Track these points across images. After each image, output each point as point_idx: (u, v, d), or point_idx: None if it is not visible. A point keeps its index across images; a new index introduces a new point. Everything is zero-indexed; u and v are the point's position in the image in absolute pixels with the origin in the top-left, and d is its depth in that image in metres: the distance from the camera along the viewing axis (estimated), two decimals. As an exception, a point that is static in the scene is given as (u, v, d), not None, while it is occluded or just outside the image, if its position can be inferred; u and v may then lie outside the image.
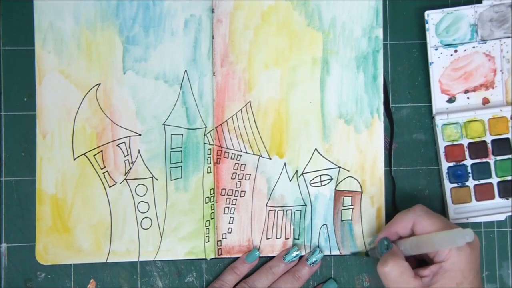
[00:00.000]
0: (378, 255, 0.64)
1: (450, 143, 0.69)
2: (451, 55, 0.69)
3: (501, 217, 0.69)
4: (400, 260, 0.60)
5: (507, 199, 0.69)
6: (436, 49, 0.69)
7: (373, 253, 0.66)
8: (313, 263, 0.68)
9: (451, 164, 0.69)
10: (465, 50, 0.69)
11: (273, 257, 0.69)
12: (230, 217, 0.69)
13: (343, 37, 0.69)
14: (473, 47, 0.69)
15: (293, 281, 0.67)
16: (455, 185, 0.69)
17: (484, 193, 0.69)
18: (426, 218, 0.61)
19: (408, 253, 0.61)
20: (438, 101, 0.70)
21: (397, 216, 0.64)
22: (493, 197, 0.69)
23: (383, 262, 0.60)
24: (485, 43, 0.69)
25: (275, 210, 0.69)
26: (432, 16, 0.68)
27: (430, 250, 0.59)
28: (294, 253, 0.68)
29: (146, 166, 0.69)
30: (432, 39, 0.69)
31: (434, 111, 0.69)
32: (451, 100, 0.69)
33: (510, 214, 0.69)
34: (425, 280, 0.60)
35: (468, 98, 0.69)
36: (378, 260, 0.63)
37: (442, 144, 0.69)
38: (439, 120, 0.69)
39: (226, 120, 0.69)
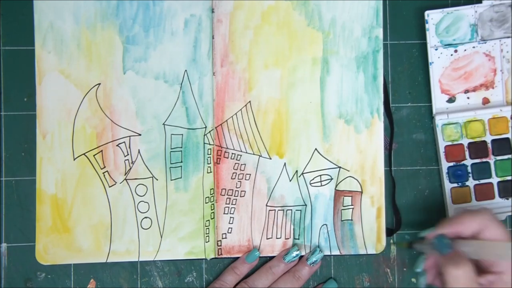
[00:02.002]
0: (427, 250, 0.62)
1: (450, 143, 0.69)
2: (451, 55, 0.69)
3: (501, 217, 0.69)
4: (470, 263, 0.57)
5: (507, 199, 0.69)
6: (436, 49, 0.69)
7: (420, 247, 0.64)
8: (313, 263, 0.68)
9: (451, 164, 0.69)
10: (465, 50, 0.69)
11: (273, 257, 0.69)
12: (230, 217, 0.69)
13: (343, 37, 0.69)
14: (473, 47, 0.69)
15: (293, 281, 0.67)
16: (455, 185, 0.69)
17: (484, 193, 0.69)
18: (496, 225, 0.59)
19: (469, 255, 0.59)
20: (438, 101, 0.70)
21: (463, 215, 0.61)
22: (493, 197, 0.69)
23: (455, 264, 0.57)
24: (485, 43, 0.69)
25: (275, 210, 0.69)
26: (432, 16, 0.68)
27: (493, 259, 0.58)
28: (294, 253, 0.68)
29: (146, 166, 0.69)
30: (432, 39, 0.69)
31: (434, 111, 0.69)
32: (451, 100, 0.69)
33: (510, 214, 0.69)
34: None
35: (468, 98, 0.69)
36: (419, 253, 0.63)
37: (442, 144, 0.69)
38: (439, 120, 0.69)
39: (226, 120, 0.69)
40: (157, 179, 0.69)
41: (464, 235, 0.60)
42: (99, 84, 0.68)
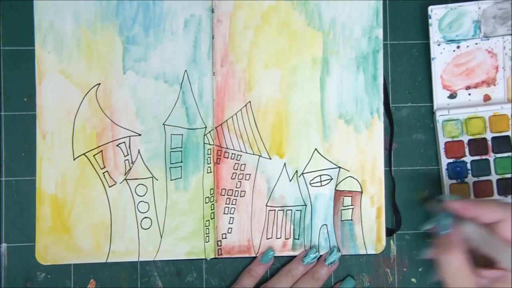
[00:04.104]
0: (433, 218, 0.61)
1: (450, 140, 0.69)
2: (454, 51, 0.69)
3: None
4: (461, 253, 0.56)
5: (506, 196, 0.69)
6: (439, 45, 0.69)
7: (431, 206, 0.62)
8: (331, 263, 0.68)
9: (451, 160, 0.69)
10: (467, 46, 0.69)
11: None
12: (230, 217, 0.69)
13: (343, 37, 0.69)
14: (476, 44, 0.69)
15: (312, 282, 0.67)
16: (454, 181, 0.69)
17: (482, 190, 0.69)
18: None
19: (468, 239, 0.57)
20: (439, 96, 0.69)
21: (490, 202, 0.59)
22: (491, 195, 0.69)
23: (444, 249, 0.56)
24: (487, 39, 0.69)
25: (275, 210, 0.69)
26: (436, 12, 0.68)
27: (498, 260, 0.56)
28: (313, 255, 0.68)
29: (146, 166, 0.68)
30: (434, 35, 0.69)
31: (435, 107, 0.69)
32: (452, 96, 0.69)
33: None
34: (481, 281, 0.56)
35: (469, 94, 0.69)
36: (429, 213, 0.62)
37: (442, 140, 0.69)
38: (440, 116, 0.69)
39: (226, 120, 0.69)
40: (157, 179, 0.69)
41: (481, 221, 0.58)
42: (99, 84, 0.68)
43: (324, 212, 0.69)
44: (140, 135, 0.69)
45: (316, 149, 0.69)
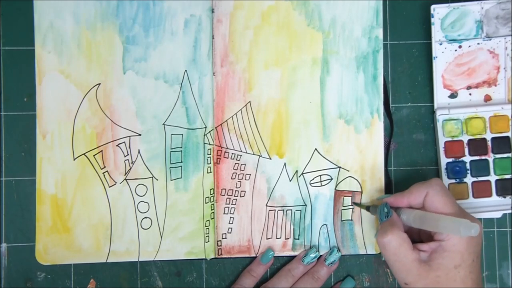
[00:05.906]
0: (377, 216, 0.64)
1: (450, 139, 0.69)
2: (455, 50, 0.69)
3: (498, 214, 0.69)
4: (399, 231, 0.60)
5: (504, 197, 0.69)
6: (441, 44, 0.69)
7: (373, 210, 0.66)
8: (331, 263, 0.68)
9: (450, 160, 0.69)
10: (469, 46, 0.69)
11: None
12: (230, 217, 0.69)
13: (343, 37, 0.69)
14: (478, 44, 0.69)
15: (312, 282, 0.68)
16: (453, 181, 0.69)
17: (481, 190, 0.69)
18: (440, 194, 0.60)
19: (409, 224, 0.61)
20: (440, 96, 0.69)
21: (413, 186, 0.63)
22: (490, 195, 0.69)
23: (382, 232, 0.60)
24: (489, 40, 0.69)
25: (275, 210, 0.69)
26: (438, 11, 0.68)
27: (432, 230, 0.59)
28: (312, 255, 0.68)
29: (146, 166, 0.68)
30: (437, 34, 0.68)
31: (435, 106, 0.69)
32: (453, 95, 0.69)
33: (506, 212, 0.68)
34: (422, 255, 0.60)
35: (470, 94, 0.69)
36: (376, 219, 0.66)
37: (442, 140, 0.69)
38: (440, 116, 0.69)
39: (226, 120, 0.69)
40: (157, 179, 0.69)
41: (414, 205, 0.63)
42: (99, 84, 0.68)
43: (324, 212, 0.70)
44: (140, 135, 0.69)
45: (316, 149, 0.69)
